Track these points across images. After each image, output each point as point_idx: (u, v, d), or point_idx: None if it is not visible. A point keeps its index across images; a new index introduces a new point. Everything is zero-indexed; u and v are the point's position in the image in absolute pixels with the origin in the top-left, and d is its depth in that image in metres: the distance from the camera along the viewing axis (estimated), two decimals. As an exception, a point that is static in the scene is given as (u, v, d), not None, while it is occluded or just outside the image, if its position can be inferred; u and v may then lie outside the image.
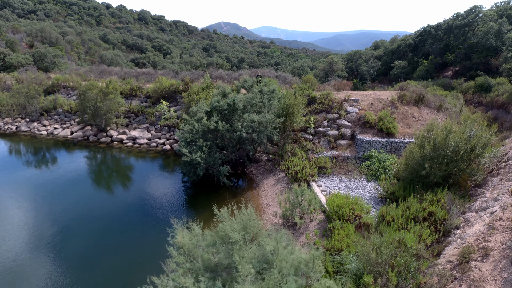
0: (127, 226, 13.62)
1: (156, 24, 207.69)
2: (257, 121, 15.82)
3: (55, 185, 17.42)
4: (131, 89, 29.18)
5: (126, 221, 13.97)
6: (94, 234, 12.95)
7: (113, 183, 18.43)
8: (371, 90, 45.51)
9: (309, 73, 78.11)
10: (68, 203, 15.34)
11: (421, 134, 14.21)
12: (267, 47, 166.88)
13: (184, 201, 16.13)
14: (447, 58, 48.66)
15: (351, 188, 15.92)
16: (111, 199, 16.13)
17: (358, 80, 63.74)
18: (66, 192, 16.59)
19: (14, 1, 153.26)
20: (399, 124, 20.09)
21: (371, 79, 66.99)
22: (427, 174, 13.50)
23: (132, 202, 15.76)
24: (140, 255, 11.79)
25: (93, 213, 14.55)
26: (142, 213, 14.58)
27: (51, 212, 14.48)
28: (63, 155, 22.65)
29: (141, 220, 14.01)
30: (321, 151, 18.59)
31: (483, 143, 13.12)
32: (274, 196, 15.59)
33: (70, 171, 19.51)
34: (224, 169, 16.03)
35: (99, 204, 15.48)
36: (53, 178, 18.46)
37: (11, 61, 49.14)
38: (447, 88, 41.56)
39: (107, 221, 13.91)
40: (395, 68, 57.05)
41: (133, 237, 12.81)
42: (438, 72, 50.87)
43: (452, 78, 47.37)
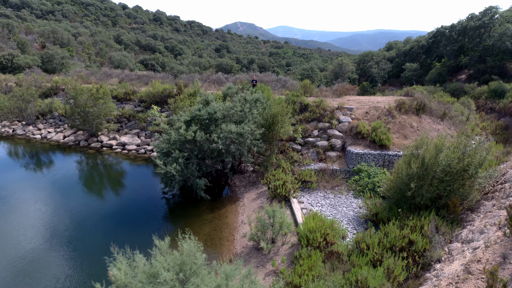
0: (79, 243, 12.76)
1: (171, 24, 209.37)
2: (236, 132, 14.89)
3: (21, 191, 17.04)
4: (126, 93, 28.72)
5: (81, 237, 13.17)
6: (40, 246, 12.28)
7: (88, 191, 17.79)
8: (380, 93, 43.91)
9: (319, 75, 76.66)
10: (33, 211, 14.83)
11: (409, 150, 12.99)
12: (280, 48, 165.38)
13: (159, 214, 15.37)
14: (461, 61, 46.42)
15: (335, 205, 14.81)
16: (81, 209, 15.44)
17: (368, 82, 61.90)
18: (32, 199, 16.11)
19: (32, 1, 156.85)
20: (395, 135, 18.80)
21: (382, 81, 65.03)
22: (413, 195, 12.30)
23: (103, 213, 15.08)
24: (73, 280, 10.81)
25: (54, 224, 13.91)
26: (108, 227, 13.87)
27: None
28: (47, 160, 22.40)
29: (101, 236, 13.23)
30: (308, 163, 17.51)
31: (478, 162, 11.83)
32: (251, 212, 14.65)
33: (45, 177, 19.14)
34: (201, 182, 15.18)
35: (67, 214, 14.82)
36: (21, 183, 18.14)
37: (19, 62, 49.76)
38: (459, 92, 39.60)
39: (63, 233, 13.23)
40: (406, 70, 54.99)
41: (75, 258, 11.87)
42: (451, 75, 48.66)
43: (465, 82, 45.19)
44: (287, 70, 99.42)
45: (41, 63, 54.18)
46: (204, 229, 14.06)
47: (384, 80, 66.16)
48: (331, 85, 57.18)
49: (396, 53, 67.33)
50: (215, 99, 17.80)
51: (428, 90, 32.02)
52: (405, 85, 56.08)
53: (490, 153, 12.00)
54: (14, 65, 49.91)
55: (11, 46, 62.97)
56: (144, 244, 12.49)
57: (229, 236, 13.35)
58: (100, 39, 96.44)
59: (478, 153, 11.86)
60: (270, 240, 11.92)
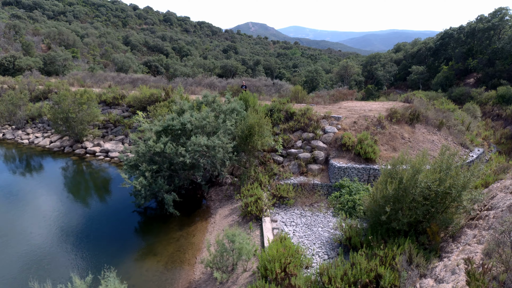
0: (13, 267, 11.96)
1: (180, 25, 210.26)
2: (205, 144, 13.97)
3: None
4: (114, 97, 28.13)
5: (19, 260, 12.42)
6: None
7: (57, 201, 17.01)
8: (385, 97, 42.48)
9: (324, 77, 75.26)
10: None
11: (386, 168, 11.84)
12: (289, 48, 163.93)
13: (126, 230, 14.53)
14: (469, 64, 44.56)
15: (310, 225, 13.75)
16: (42, 222, 14.69)
17: (373, 85, 60.31)
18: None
19: (44, 2, 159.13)
20: (383, 147, 17.60)
21: (388, 84, 63.34)
22: (388, 219, 11.17)
23: (65, 226, 14.29)
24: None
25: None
26: (65, 244, 13.04)
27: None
28: (25, 165, 21.95)
29: (48, 257, 12.38)
30: (288, 177, 16.47)
31: (462, 184, 10.64)
32: (221, 231, 13.69)
33: (15, 184, 18.60)
34: (169, 197, 14.31)
35: (21, 227, 14.10)
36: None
37: (21, 64, 49.91)
38: (466, 97, 37.92)
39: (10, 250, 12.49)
40: (412, 73, 53.28)
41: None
42: (459, 79, 46.82)
43: (473, 86, 43.37)
44: (294, 71, 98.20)
45: (43, 65, 54.32)
46: (168, 249, 13.17)
47: (390, 83, 64.49)
48: (335, 88, 55.91)
49: (404, 55, 65.53)
50: (192, 107, 16.93)
51: (429, 96, 30.57)
52: (411, 88, 54.45)
53: (476, 173, 10.77)
54: (16, 67, 50.08)
55: (16, 48, 63.52)
56: (97, 265, 11.72)
57: (191, 258, 12.44)
58: (107, 40, 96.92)
59: (461, 174, 10.69)
60: (230, 266, 10.95)
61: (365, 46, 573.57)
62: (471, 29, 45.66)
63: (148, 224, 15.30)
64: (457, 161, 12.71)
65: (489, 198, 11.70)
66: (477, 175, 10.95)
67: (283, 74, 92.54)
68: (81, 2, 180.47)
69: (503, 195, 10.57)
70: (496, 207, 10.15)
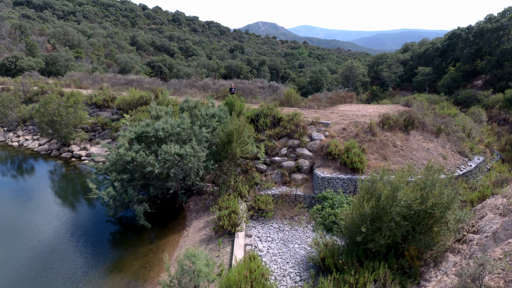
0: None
1: (189, 25, 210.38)
2: (176, 153, 13.18)
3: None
4: (104, 100, 27.58)
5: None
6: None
7: (30, 207, 16.47)
8: (389, 99, 41.16)
9: (329, 77, 73.88)
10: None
11: (365, 183, 10.83)
12: (297, 48, 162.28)
13: (96, 242, 13.80)
14: (478, 65, 42.85)
15: (287, 241, 12.84)
16: (10, 229, 14.10)
17: (378, 87, 58.82)
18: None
19: (55, 2, 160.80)
20: (373, 155, 16.55)
21: (393, 85, 61.73)
22: (365, 239, 10.18)
23: (34, 235, 13.68)
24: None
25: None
26: (29, 257, 12.37)
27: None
28: (6, 168, 21.54)
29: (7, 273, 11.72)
30: (270, 187, 15.57)
31: (445, 203, 9.61)
32: (191, 246, 12.86)
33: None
34: (139, 209, 13.56)
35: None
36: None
37: (22, 65, 49.98)
38: (472, 100, 36.39)
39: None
40: (418, 74, 51.63)
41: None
42: (466, 80, 45.11)
43: (481, 88, 41.69)
44: (300, 71, 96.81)
45: (45, 65, 54.37)
46: (134, 265, 12.42)
47: (396, 84, 62.86)
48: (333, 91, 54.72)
49: (411, 56, 63.76)
50: (170, 113, 16.16)
51: (431, 99, 29.24)
52: (417, 90, 52.85)
53: (461, 192, 9.73)
54: (18, 67, 50.18)
55: (20, 48, 63.87)
56: None
57: (155, 277, 11.64)
58: (113, 41, 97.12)
59: (445, 193, 9.65)
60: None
61: (376, 46, 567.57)
62: (479, 29, 43.90)
63: (120, 235, 14.62)
64: (444, 176, 11.65)
65: (478, 218, 10.62)
66: (463, 193, 9.92)
67: (288, 75, 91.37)
68: (90, 2, 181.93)
69: (492, 217, 9.50)
70: (482, 231, 9.08)
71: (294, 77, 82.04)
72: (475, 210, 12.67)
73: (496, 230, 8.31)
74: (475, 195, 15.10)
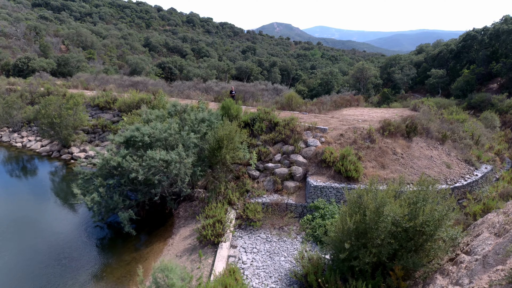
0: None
1: (203, 26, 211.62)
2: (162, 159, 12.82)
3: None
4: (106, 102, 27.59)
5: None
6: None
7: (15, 209, 16.42)
8: (400, 102, 40.05)
9: (341, 79, 72.75)
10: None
11: (352, 195, 10.19)
12: (310, 49, 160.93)
13: (81, 247, 13.58)
14: (493, 68, 41.21)
15: (273, 253, 12.30)
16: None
17: (390, 89, 57.44)
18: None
19: (72, 4, 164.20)
20: (371, 163, 15.82)
21: (406, 88, 60.18)
22: (350, 257, 9.56)
23: (18, 240, 13.55)
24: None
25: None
26: (10, 264, 12.22)
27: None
28: (5, 168, 21.79)
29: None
30: (261, 194, 15.05)
31: (437, 221, 8.92)
32: (174, 256, 12.49)
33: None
34: (123, 215, 13.25)
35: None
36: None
37: (34, 65, 50.89)
38: (486, 105, 34.97)
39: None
40: (432, 77, 50.10)
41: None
42: (481, 84, 43.47)
43: (496, 92, 40.09)
44: (311, 73, 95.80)
45: (57, 66, 55.23)
46: (116, 274, 12.11)
47: (409, 87, 61.28)
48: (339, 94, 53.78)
49: (425, 57, 62.04)
50: (161, 116, 15.83)
51: (440, 103, 28.12)
52: (429, 93, 51.35)
53: (452, 210, 8.98)
54: (30, 68, 51.10)
55: (34, 49, 65.19)
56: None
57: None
58: (126, 42, 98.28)
59: (437, 210, 8.95)
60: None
61: (393, 47, 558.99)
62: (495, 30, 42.19)
63: (106, 240, 14.35)
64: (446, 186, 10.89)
65: (474, 235, 9.84)
66: (455, 210, 9.16)
67: (299, 76, 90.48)
68: (107, 4, 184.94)
69: (486, 236, 8.74)
70: (474, 252, 8.35)
71: (305, 79, 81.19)
72: (475, 225, 11.86)
73: (487, 253, 7.58)
74: (479, 207, 14.23)
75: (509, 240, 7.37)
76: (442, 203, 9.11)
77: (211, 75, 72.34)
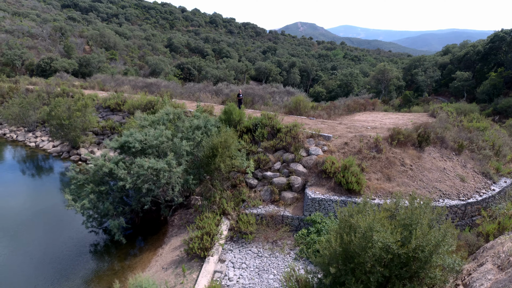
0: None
1: (225, 26, 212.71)
2: (151, 167, 12.45)
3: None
4: (117, 103, 27.75)
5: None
6: None
7: (15, 210, 16.58)
8: (421, 106, 38.30)
9: (361, 81, 70.88)
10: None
11: (344, 215, 9.40)
12: (332, 49, 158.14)
13: (74, 253, 13.47)
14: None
15: (262, 269, 11.65)
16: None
17: (412, 92, 55.24)
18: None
19: (99, 5, 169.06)
20: (376, 175, 14.86)
21: (429, 90, 57.72)
22: (334, 283, 8.79)
23: (14, 243, 13.58)
24: None
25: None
26: None
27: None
28: (14, 166, 22.33)
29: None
30: (257, 205, 14.42)
31: (432, 246, 8.05)
32: (160, 268, 12.08)
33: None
34: (113, 223, 13.01)
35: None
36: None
37: (56, 66, 52.37)
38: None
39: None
40: (456, 80, 47.68)
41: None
42: (509, 88, 40.86)
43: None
44: (332, 74, 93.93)
45: (78, 66, 56.63)
46: (102, 284, 11.88)
47: (433, 89, 58.75)
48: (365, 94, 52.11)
49: (450, 59, 59.24)
50: (157, 122, 15.51)
51: (461, 109, 26.43)
52: (454, 96, 48.95)
53: (450, 235, 8.05)
54: (52, 68, 52.62)
55: (59, 50, 67.22)
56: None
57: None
58: (148, 43, 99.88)
59: (432, 235, 8.06)
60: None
61: (422, 46, 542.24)
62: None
63: (99, 247, 14.16)
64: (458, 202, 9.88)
65: (477, 264, 8.82)
66: (452, 235, 8.20)
67: (319, 77, 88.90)
68: (133, 5, 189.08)
69: (489, 268, 7.77)
70: (472, 287, 7.39)
71: (325, 80, 79.67)
72: (484, 248, 10.78)
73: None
74: (492, 227, 13.06)
75: (509, 279, 6.42)
76: (436, 225, 8.20)
77: (229, 76, 72.18)
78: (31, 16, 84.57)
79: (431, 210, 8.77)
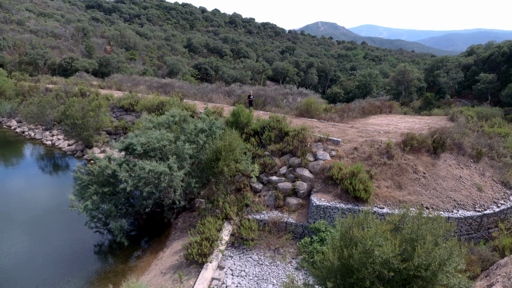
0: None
1: (245, 26, 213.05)
2: (152, 171, 12.33)
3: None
4: (130, 104, 28.01)
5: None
6: None
7: (21, 207, 16.90)
8: (442, 108, 36.92)
9: (381, 82, 69.21)
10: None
11: (345, 226, 8.94)
12: (352, 49, 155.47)
13: (78, 253, 13.55)
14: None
15: (262, 278, 11.30)
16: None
17: (433, 94, 53.44)
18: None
19: (122, 6, 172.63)
20: (386, 182, 14.23)
21: (451, 93, 55.69)
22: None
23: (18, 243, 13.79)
24: None
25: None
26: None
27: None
28: (30, 162, 23.02)
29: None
30: (260, 210, 14.08)
31: (437, 264, 7.52)
32: (158, 273, 11.94)
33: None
34: (115, 225, 12.98)
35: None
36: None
37: (77, 65, 53.66)
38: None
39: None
40: (480, 82, 45.74)
41: None
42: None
43: (556, 100, 35.50)
44: (350, 74, 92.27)
45: (98, 66, 57.85)
46: (101, 285, 11.82)
47: (456, 91, 56.67)
48: (383, 96, 50.83)
49: (474, 60, 56.95)
50: (163, 125, 15.42)
51: (483, 113, 25.16)
52: (477, 99, 47.02)
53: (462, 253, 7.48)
54: (73, 68, 53.95)
55: (81, 50, 68.93)
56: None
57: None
58: (167, 43, 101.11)
59: (437, 251, 7.52)
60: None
61: (447, 47, 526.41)
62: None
63: (103, 248, 14.20)
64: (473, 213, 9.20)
65: (488, 284, 8.17)
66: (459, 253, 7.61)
67: (338, 77, 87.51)
68: (154, 6, 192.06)
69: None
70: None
71: (343, 80, 78.30)
72: (498, 265, 10.09)
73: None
74: (509, 241, 12.25)
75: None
76: (442, 242, 7.64)
77: (246, 76, 72.03)
78: (55, 17, 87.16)
79: (439, 225, 8.18)
